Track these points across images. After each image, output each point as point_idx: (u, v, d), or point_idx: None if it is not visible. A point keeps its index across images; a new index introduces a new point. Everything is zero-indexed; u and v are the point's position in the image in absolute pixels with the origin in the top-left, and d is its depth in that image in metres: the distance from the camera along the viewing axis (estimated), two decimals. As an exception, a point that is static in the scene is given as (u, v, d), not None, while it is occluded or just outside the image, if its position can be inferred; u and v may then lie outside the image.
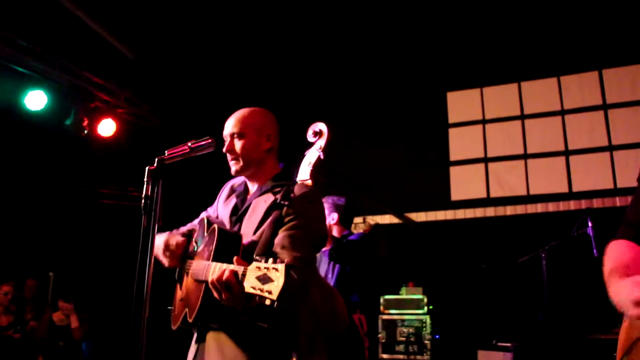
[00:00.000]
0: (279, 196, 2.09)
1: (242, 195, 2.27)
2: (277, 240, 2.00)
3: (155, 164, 1.89)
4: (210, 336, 2.05)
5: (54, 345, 5.33)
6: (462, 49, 6.54)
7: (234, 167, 2.21)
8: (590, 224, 4.38)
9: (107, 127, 6.18)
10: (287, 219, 2.03)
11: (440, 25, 6.26)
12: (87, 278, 6.33)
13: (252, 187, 2.26)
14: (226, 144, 2.22)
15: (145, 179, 1.86)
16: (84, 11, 5.23)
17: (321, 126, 2.60)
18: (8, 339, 5.12)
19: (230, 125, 2.22)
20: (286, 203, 2.04)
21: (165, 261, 2.21)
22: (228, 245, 2.01)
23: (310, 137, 2.64)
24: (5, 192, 6.59)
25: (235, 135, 2.19)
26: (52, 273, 6.21)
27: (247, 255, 1.95)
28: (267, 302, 1.63)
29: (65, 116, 5.83)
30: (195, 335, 2.15)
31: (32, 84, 5.59)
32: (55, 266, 6.43)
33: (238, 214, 2.19)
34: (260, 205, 2.12)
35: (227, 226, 2.19)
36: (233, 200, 2.29)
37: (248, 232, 2.08)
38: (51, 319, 5.47)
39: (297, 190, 2.10)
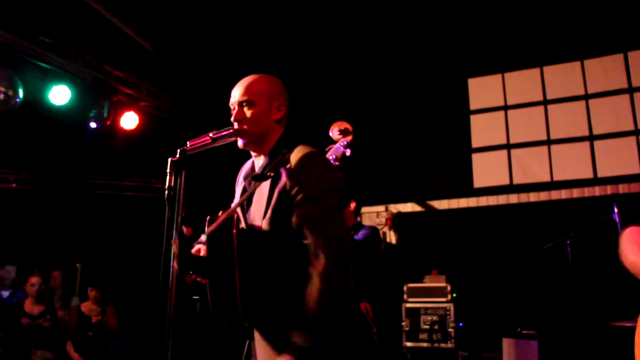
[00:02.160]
0: (276, 168, 1.92)
1: (251, 175, 2.09)
2: (295, 219, 1.86)
3: (177, 155, 1.89)
4: (257, 333, 1.93)
5: (84, 335, 5.44)
6: (482, 35, 6.45)
7: (240, 139, 2.03)
8: (616, 210, 4.32)
9: (129, 120, 6.26)
10: (293, 192, 1.86)
11: (461, 11, 6.17)
12: (113, 269, 6.44)
13: (259, 165, 2.09)
14: (233, 113, 2.05)
15: (167, 170, 1.87)
16: (104, 6, 5.28)
17: (347, 125, 2.64)
18: (39, 327, 5.25)
19: (238, 93, 2.05)
20: (282, 174, 1.87)
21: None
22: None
23: (335, 135, 2.67)
24: (32, 186, 6.72)
25: (244, 104, 2.02)
26: (80, 264, 6.34)
27: (257, 241, 1.89)
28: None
29: (89, 110, 5.93)
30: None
31: (55, 79, 5.68)
32: (82, 257, 6.55)
33: (248, 198, 2.02)
34: (265, 183, 1.94)
35: (240, 214, 2.05)
36: (242, 185, 2.15)
37: (257, 215, 1.94)
38: (79, 309, 5.58)
39: (293, 157, 1.90)
